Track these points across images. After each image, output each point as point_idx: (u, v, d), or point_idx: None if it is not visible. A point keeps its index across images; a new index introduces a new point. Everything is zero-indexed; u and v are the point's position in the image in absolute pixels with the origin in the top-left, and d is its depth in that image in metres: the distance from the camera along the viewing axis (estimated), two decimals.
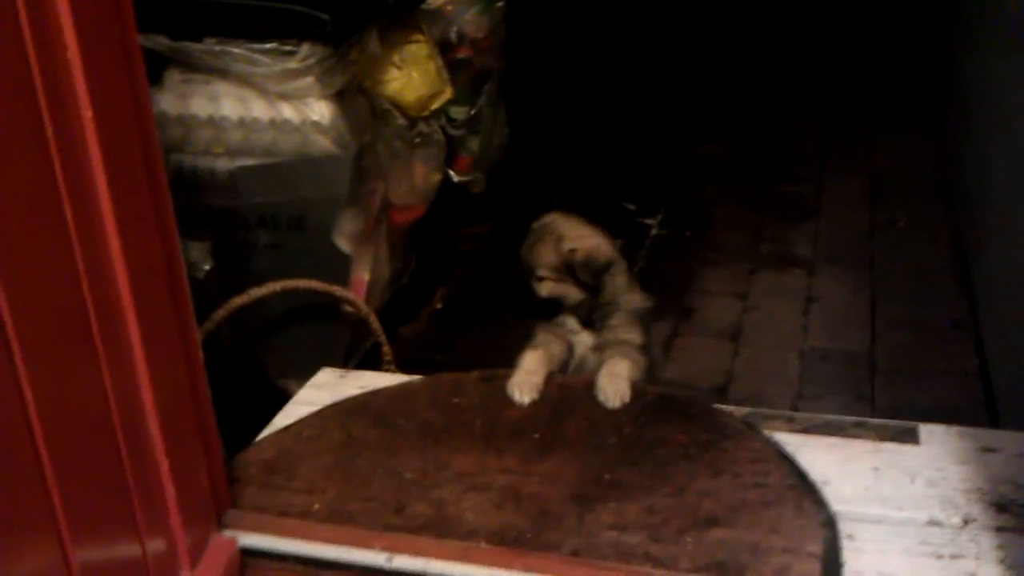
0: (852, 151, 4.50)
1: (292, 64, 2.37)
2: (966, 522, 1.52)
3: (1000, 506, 1.54)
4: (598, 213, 3.89)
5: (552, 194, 4.21)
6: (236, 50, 2.38)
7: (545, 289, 1.97)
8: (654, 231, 3.84)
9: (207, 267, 2.20)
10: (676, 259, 3.62)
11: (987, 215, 3.06)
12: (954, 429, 1.74)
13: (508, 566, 1.44)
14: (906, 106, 5.00)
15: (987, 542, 1.47)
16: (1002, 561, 1.43)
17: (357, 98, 2.56)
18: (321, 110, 2.42)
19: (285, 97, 2.43)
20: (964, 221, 3.52)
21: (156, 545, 1.33)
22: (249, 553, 1.52)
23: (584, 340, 1.99)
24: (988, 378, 2.71)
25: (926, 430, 1.74)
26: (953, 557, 1.45)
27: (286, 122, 2.43)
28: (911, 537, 1.50)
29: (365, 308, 2.38)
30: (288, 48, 2.38)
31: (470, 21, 3.36)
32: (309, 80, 2.38)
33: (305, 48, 2.37)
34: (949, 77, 4.47)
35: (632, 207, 4.03)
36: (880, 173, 4.22)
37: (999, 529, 1.50)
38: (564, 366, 1.99)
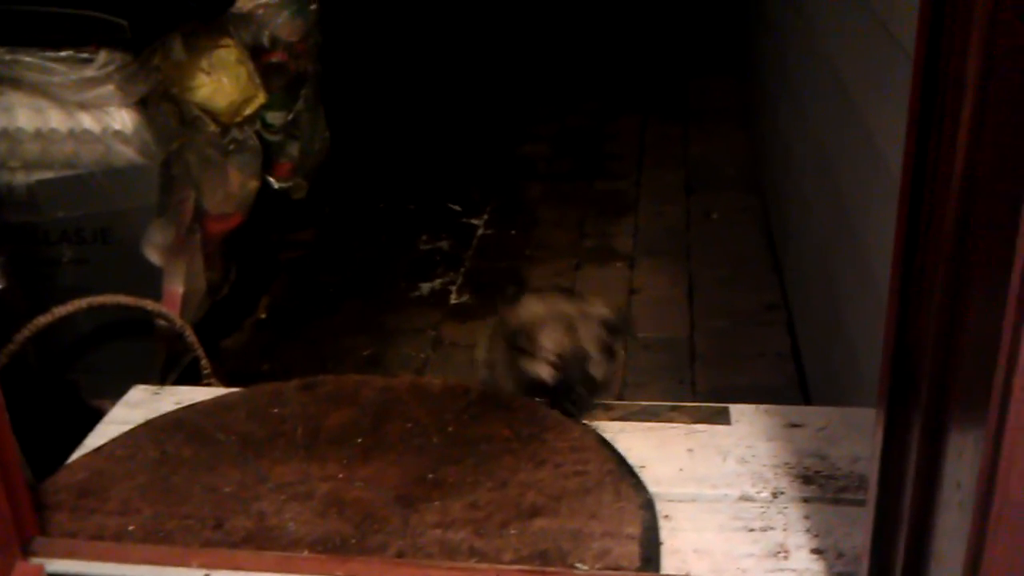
0: (668, 146, 4.65)
1: (90, 72, 2.28)
2: (775, 495, 1.58)
3: (806, 478, 1.61)
4: (424, 215, 3.95)
5: (377, 198, 4.20)
6: (29, 59, 2.28)
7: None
8: (480, 231, 3.88)
9: (0, 285, 2.10)
10: (502, 258, 3.66)
11: (791, 203, 3.20)
12: (763, 408, 1.81)
13: (330, 572, 1.42)
14: (719, 101, 5.20)
15: (794, 513, 1.54)
16: (808, 530, 1.50)
17: (163, 105, 2.49)
18: (123, 119, 2.33)
19: (84, 106, 2.33)
20: (773, 210, 3.68)
21: None
22: None
23: None
24: (799, 358, 2.84)
25: (736, 410, 1.80)
26: (763, 529, 1.51)
27: (86, 132, 2.33)
28: (724, 513, 1.55)
29: (180, 321, 2.31)
30: (85, 56, 2.29)
31: (283, 25, 3.30)
32: (109, 88, 2.30)
33: (103, 55, 2.29)
34: (756, 71, 4.66)
35: (458, 208, 4.06)
36: (695, 167, 4.38)
37: (805, 500, 1.57)
38: None
